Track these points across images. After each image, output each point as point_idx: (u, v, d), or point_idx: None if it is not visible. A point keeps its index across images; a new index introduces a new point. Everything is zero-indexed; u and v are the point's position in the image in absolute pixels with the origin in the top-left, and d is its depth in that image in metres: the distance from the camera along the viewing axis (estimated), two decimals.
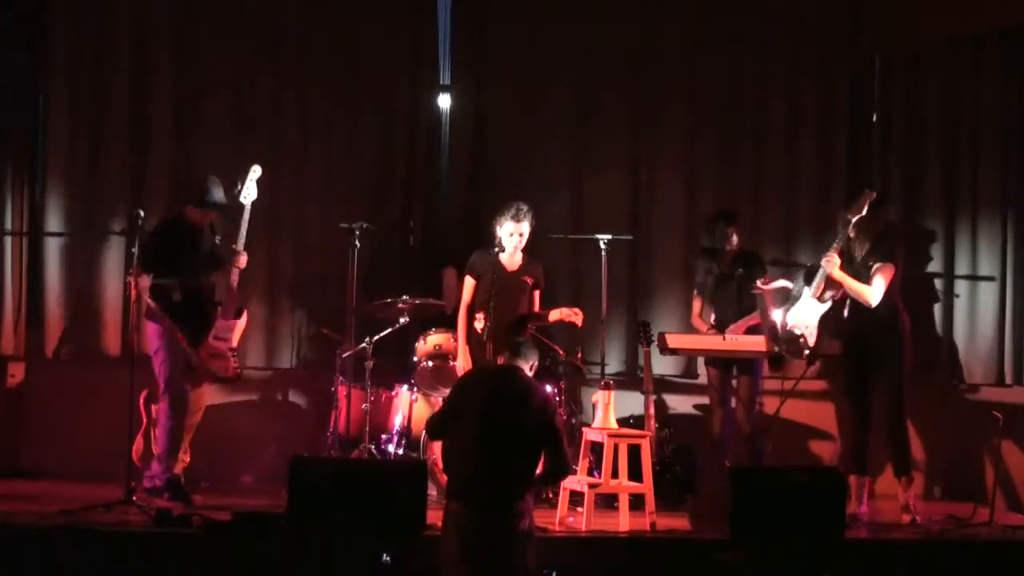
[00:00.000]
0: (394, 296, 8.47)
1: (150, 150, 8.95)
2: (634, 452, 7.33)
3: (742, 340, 8.16)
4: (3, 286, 8.85)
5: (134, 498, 7.18)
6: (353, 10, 9.21)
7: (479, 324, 7.86)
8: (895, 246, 7.89)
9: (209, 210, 7.82)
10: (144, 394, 7.83)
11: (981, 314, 9.12)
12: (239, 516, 6.70)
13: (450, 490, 6.11)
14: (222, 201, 7.82)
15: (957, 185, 9.22)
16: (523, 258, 8.03)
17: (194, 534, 6.59)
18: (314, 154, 9.15)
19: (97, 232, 8.89)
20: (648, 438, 7.49)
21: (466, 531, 5.93)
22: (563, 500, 7.36)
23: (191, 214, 7.84)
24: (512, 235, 7.89)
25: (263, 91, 9.12)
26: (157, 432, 7.71)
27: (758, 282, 8.03)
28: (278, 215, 9.03)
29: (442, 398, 8.02)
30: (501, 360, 6.38)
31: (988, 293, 9.11)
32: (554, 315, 8.03)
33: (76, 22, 8.98)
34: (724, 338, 8.22)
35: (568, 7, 9.34)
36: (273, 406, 8.96)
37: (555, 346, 8.54)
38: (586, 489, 7.14)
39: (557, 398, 8.15)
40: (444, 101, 9.39)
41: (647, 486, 7.25)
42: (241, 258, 7.80)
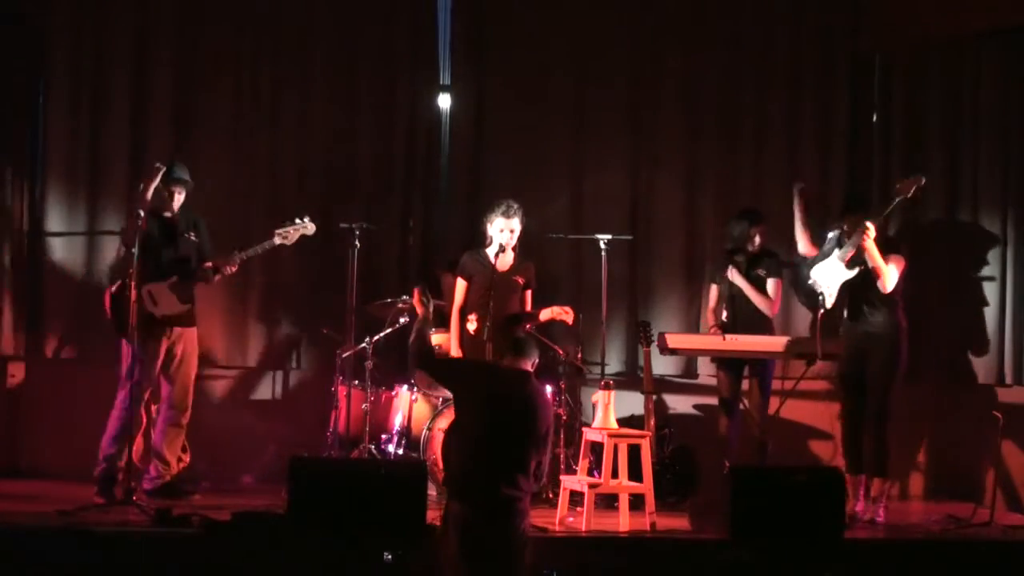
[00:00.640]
0: (394, 296, 8.48)
1: (150, 150, 8.93)
2: (634, 452, 7.33)
3: (742, 340, 8.16)
4: (3, 286, 8.86)
5: (134, 498, 7.18)
6: (353, 10, 9.22)
7: (471, 325, 7.83)
8: (902, 245, 7.97)
9: (172, 187, 7.74)
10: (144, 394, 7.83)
11: (981, 314, 9.12)
12: (239, 516, 6.70)
13: (450, 490, 6.11)
14: (183, 178, 7.77)
15: (957, 185, 9.23)
16: (514, 258, 8.00)
17: (194, 534, 6.59)
18: (314, 154, 9.15)
19: (97, 232, 8.89)
20: (648, 438, 7.49)
21: (466, 531, 5.93)
22: (563, 500, 7.36)
23: (156, 200, 7.72)
24: (503, 231, 7.85)
25: (263, 91, 9.13)
26: (109, 422, 7.64)
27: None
28: (278, 214, 9.02)
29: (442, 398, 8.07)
30: (505, 361, 6.36)
31: (988, 293, 9.11)
32: (545, 314, 7.99)
33: (76, 23, 8.98)
34: (724, 338, 8.23)
35: (568, 7, 9.34)
36: (273, 406, 8.96)
37: (555, 346, 8.54)
38: (586, 489, 7.14)
39: (558, 398, 8.16)
40: (444, 101, 9.39)
41: (647, 486, 7.25)
42: (234, 265, 7.77)
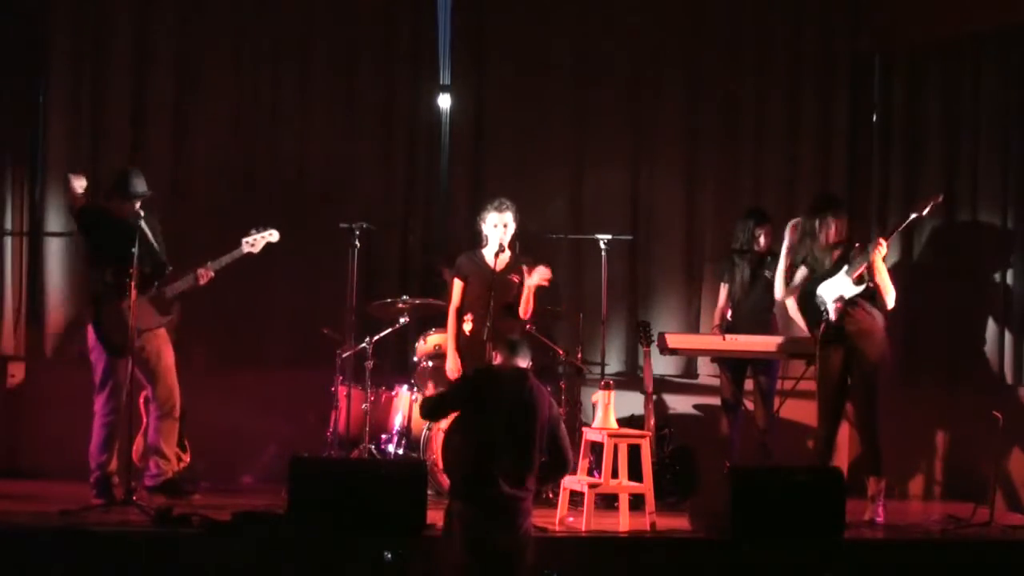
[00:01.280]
0: (394, 296, 8.48)
1: (149, 150, 8.94)
2: (634, 452, 7.33)
3: (741, 340, 8.17)
4: (3, 286, 8.86)
5: (134, 498, 7.17)
6: (353, 10, 9.22)
7: (467, 326, 7.81)
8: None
9: (133, 200, 7.63)
10: (144, 394, 7.82)
11: (981, 314, 9.12)
12: (239, 516, 6.69)
13: (454, 489, 6.11)
14: (145, 191, 7.69)
15: (957, 185, 9.23)
16: (510, 256, 7.98)
17: (194, 534, 6.58)
18: (314, 154, 9.16)
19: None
20: (648, 438, 7.49)
21: (471, 530, 5.92)
22: (563, 500, 7.35)
23: (114, 206, 7.68)
24: (496, 226, 7.81)
25: (263, 91, 9.13)
26: (93, 431, 7.62)
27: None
28: (278, 214, 9.03)
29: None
30: (498, 359, 6.37)
31: (988, 293, 9.10)
32: (530, 283, 7.82)
33: (76, 23, 8.98)
34: (724, 338, 8.23)
35: (567, 7, 9.35)
36: (273, 406, 8.96)
37: (555, 346, 8.54)
38: (586, 489, 7.13)
39: (559, 398, 8.16)
40: (444, 101, 9.40)
41: (647, 486, 7.24)
42: (206, 275, 7.75)
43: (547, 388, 6.38)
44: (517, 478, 5.99)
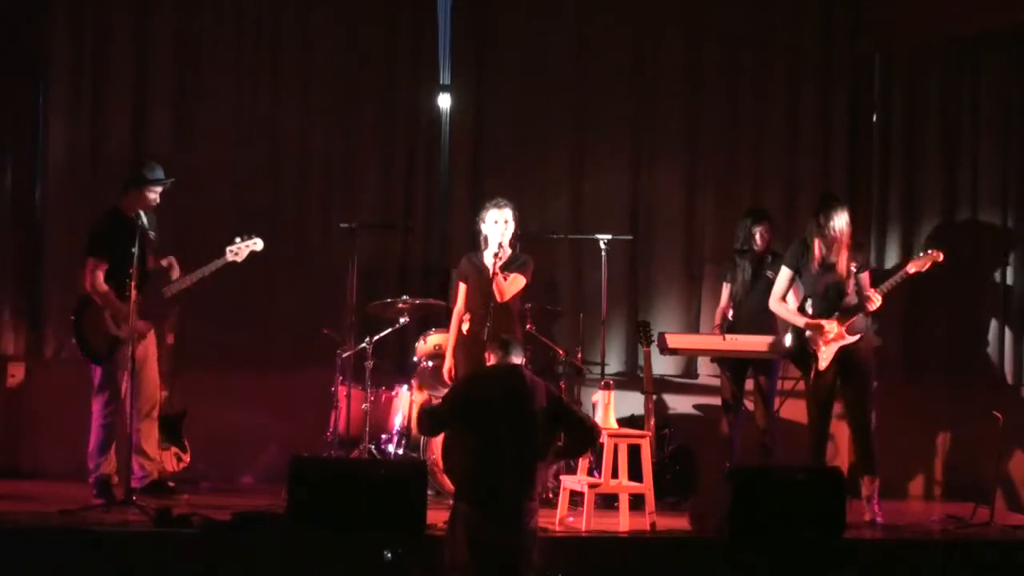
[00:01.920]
0: (394, 296, 8.48)
1: (150, 151, 8.93)
2: (634, 452, 7.33)
3: (741, 340, 8.17)
4: (3, 286, 8.85)
5: (134, 498, 7.17)
6: (353, 10, 9.22)
7: (466, 326, 7.79)
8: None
9: (149, 187, 7.67)
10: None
11: (981, 314, 9.12)
12: (239, 516, 6.69)
13: (459, 491, 6.10)
14: (162, 178, 7.71)
15: (957, 185, 9.23)
16: (509, 257, 7.93)
17: (194, 534, 6.58)
18: (314, 154, 9.16)
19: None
20: (648, 438, 7.48)
21: (476, 532, 5.92)
22: (563, 500, 7.35)
23: (128, 200, 7.68)
24: (497, 223, 7.70)
25: (263, 91, 9.13)
26: (92, 433, 7.62)
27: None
28: (278, 214, 9.05)
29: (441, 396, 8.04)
30: (492, 359, 6.36)
31: (988, 293, 9.10)
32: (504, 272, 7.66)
33: (77, 23, 8.98)
34: (724, 338, 8.23)
35: (567, 7, 9.34)
36: (273, 406, 8.96)
37: (555, 346, 8.54)
38: (586, 489, 7.13)
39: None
40: (444, 101, 9.39)
41: (647, 486, 7.24)
42: (174, 270, 7.74)
43: (543, 380, 6.33)
44: (519, 478, 5.98)
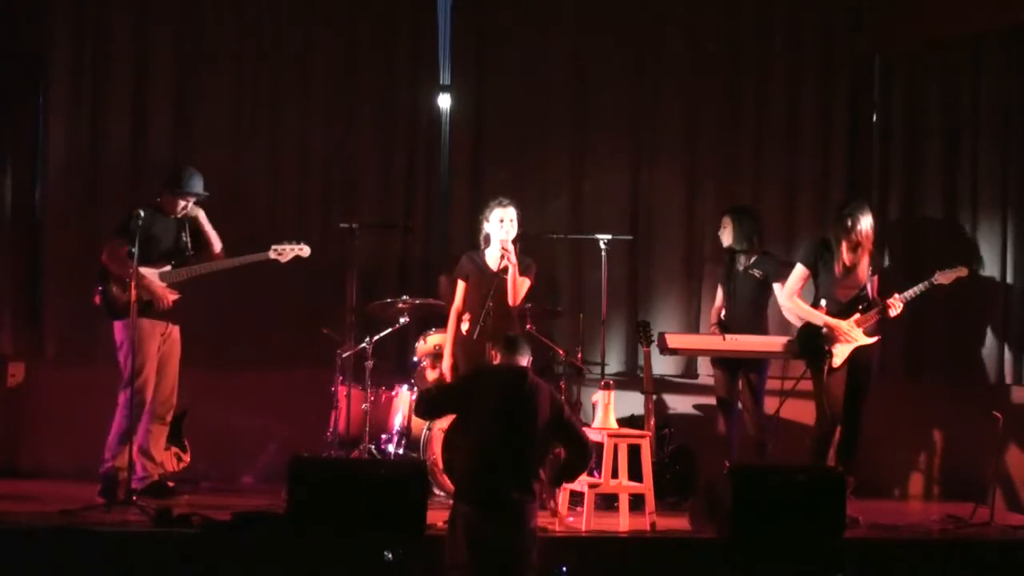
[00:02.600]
0: (394, 296, 8.48)
1: (150, 150, 8.94)
2: (634, 452, 7.33)
3: (741, 340, 8.17)
4: (3, 285, 8.85)
5: (134, 498, 7.17)
6: (353, 10, 9.22)
7: (465, 326, 7.79)
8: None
9: (184, 197, 7.78)
10: (123, 397, 7.80)
11: (981, 314, 9.11)
12: (239, 516, 6.70)
13: (459, 491, 6.10)
14: (199, 191, 7.81)
15: (957, 185, 9.23)
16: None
17: (194, 534, 6.58)
18: (314, 154, 9.16)
19: (97, 232, 8.88)
20: (648, 438, 7.48)
21: (476, 532, 5.91)
22: (563, 500, 7.35)
23: (163, 200, 7.82)
24: (502, 221, 7.72)
25: (263, 91, 9.13)
26: (115, 423, 7.63)
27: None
28: (278, 214, 9.05)
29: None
30: (497, 357, 6.35)
31: (988, 293, 9.10)
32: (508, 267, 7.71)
33: (77, 23, 8.98)
34: (724, 338, 8.23)
35: (567, 7, 9.34)
36: (273, 406, 8.96)
37: (555, 346, 8.54)
38: (586, 489, 7.13)
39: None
40: (444, 101, 9.39)
41: (647, 486, 7.25)
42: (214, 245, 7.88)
43: (549, 384, 6.34)
44: (519, 478, 5.97)
